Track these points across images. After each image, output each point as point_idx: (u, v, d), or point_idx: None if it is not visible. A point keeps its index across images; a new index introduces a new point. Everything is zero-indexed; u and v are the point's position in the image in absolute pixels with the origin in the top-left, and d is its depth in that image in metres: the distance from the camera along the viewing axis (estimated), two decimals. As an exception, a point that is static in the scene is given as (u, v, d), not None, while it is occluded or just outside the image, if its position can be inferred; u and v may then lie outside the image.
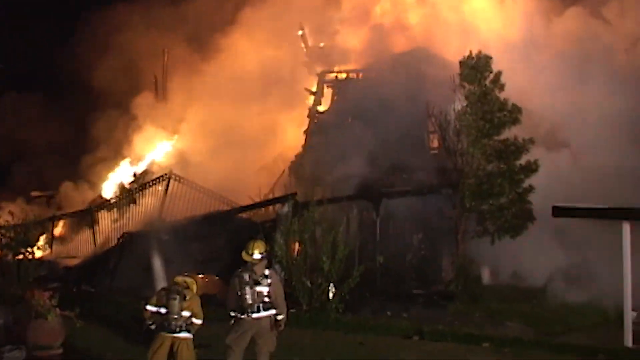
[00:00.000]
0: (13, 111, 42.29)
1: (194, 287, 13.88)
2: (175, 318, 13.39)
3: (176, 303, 13.40)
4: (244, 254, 14.12)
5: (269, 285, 13.98)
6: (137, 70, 40.56)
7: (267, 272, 14.11)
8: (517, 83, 25.60)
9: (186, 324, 13.51)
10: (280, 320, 14.17)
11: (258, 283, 13.92)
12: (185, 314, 13.47)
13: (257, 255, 14.10)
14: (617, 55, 29.14)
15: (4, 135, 40.80)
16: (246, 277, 13.94)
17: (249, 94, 34.97)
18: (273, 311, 14.03)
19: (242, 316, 13.88)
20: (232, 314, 14.03)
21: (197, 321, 13.66)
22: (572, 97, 27.00)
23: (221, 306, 14.34)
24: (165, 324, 13.43)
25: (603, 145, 25.66)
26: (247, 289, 13.84)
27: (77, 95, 41.67)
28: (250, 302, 13.83)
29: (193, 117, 37.03)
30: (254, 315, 13.87)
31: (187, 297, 13.50)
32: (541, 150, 25.16)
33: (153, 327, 13.67)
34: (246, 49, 36.30)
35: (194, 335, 13.65)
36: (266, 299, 13.93)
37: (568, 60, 27.88)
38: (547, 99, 27.10)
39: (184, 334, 13.50)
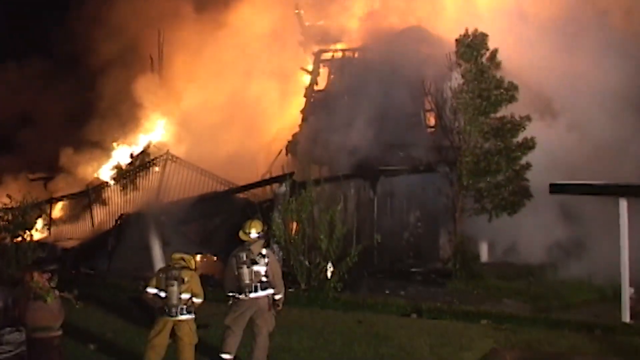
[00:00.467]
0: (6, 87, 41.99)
1: (192, 263, 13.88)
2: (175, 304, 13.41)
3: (175, 289, 13.39)
4: (241, 234, 14.14)
5: (266, 264, 14.00)
6: (133, 50, 40.41)
7: (264, 251, 14.12)
8: (511, 55, 25.55)
9: (187, 306, 13.52)
10: (278, 299, 14.19)
11: (255, 262, 13.94)
12: (185, 296, 13.47)
13: (254, 235, 14.12)
14: (612, 21, 28.93)
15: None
16: (243, 256, 13.95)
17: (246, 74, 34.97)
18: (271, 291, 14.05)
19: (240, 296, 13.91)
20: (230, 294, 14.06)
21: (198, 300, 13.66)
22: (567, 67, 26.91)
23: (219, 286, 14.40)
24: (165, 308, 13.45)
25: (600, 117, 25.67)
26: (245, 268, 13.85)
27: (72, 74, 41.46)
28: (247, 281, 13.85)
29: (190, 97, 36.98)
30: (252, 295, 13.89)
31: (186, 280, 13.49)
32: (539, 125, 25.10)
33: (157, 306, 13.69)
34: (243, 29, 36.23)
35: (195, 315, 13.67)
36: (264, 279, 13.95)
37: (562, 28, 27.77)
38: (542, 70, 27.02)
39: (185, 316, 13.51)
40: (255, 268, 13.90)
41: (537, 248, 25.15)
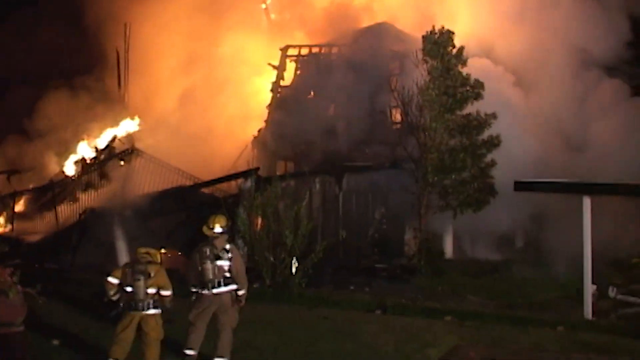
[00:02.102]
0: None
1: (158, 257, 13.80)
2: (142, 299, 13.34)
3: (141, 284, 13.31)
4: (204, 229, 14.09)
5: (229, 259, 13.96)
6: (99, 44, 40.13)
7: (227, 246, 14.08)
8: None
9: (154, 300, 13.45)
10: (241, 295, 14.15)
11: (219, 257, 13.90)
12: (152, 291, 13.38)
13: (218, 230, 14.07)
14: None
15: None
16: (207, 251, 13.91)
17: (212, 68, 34.87)
18: (234, 286, 14.01)
19: (204, 291, 13.87)
20: (193, 289, 14.01)
21: (166, 292, 13.52)
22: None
23: (183, 282, 14.30)
24: (132, 303, 13.37)
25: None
26: (208, 263, 13.81)
27: (33, 66, 41.03)
28: (211, 276, 13.81)
29: (156, 91, 36.80)
30: (215, 291, 13.85)
31: (152, 274, 13.41)
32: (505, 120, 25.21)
33: (114, 298, 13.58)
34: (211, 23, 36.13)
35: (162, 310, 13.59)
36: (227, 274, 13.91)
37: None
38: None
39: (152, 311, 13.44)
40: (219, 263, 13.86)
41: (502, 245, 25.36)
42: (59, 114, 38.44)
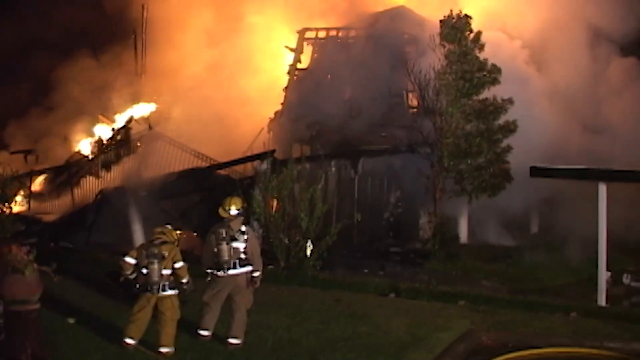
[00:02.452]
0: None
1: (173, 235, 13.87)
2: (156, 281, 13.41)
3: (155, 267, 13.37)
4: (220, 210, 14.14)
5: (245, 241, 14.02)
6: (117, 23, 40.19)
7: (243, 228, 14.13)
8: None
9: (169, 282, 13.52)
10: (256, 277, 14.22)
11: (234, 239, 13.95)
12: (166, 272, 13.46)
13: (233, 211, 14.12)
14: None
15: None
16: (223, 233, 13.96)
17: (230, 51, 34.88)
18: (249, 268, 14.08)
19: (218, 273, 13.94)
20: (208, 270, 14.08)
21: (179, 264, 13.58)
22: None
23: (198, 262, 14.37)
24: (147, 286, 13.45)
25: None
26: (224, 244, 13.86)
27: (52, 47, 41.12)
28: (226, 258, 13.87)
29: (173, 74, 36.84)
30: (231, 272, 13.91)
31: (166, 255, 13.48)
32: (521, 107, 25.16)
33: (132, 277, 13.68)
34: (228, 5, 36.13)
35: (179, 290, 13.68)
36: (242, 256, 13.97)
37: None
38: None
39: (167, 292, 13.51)
40: (235, 245, 13.92)
41: (516, 230, 25.36)
42: (75, 93, 38.60)
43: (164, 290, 13.44)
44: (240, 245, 13.94)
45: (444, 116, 24.45)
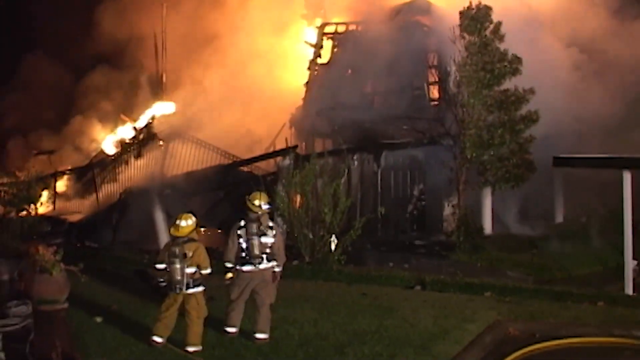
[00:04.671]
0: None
1: (192, 221, 13.85)
2: (179, 280, 13.46)
3: (177, 267, 13.40)
4: (251, 205, 14.15)
5: (274, 236, 14.12)
6: (137, 26, 40.34)
7: (271, 223, 14.22)
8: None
9: (193, 280, 13.56)
10: (278, 272, 14.30)
11: (264, 234, 14.05)
12: (190, 270, 13.48)
13: (265, 206, 14.20)
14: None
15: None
16: (253, 228, 14.00)
17: (250, 47, 34.92)
18: (275, 262, 14.16)
19: (245, 268, 13.99)
20: (229, 265, 14.11)
21: (205, 272, 13.65)
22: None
23: (222, 259, 14.41)
24: (171, 284, 13.52)
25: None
26: (255, 239, 13.93)
27: (73, 49, 41.30)
28: (257, 252, 13.93)
29: (194, 72, 36.96)
30: (261, 266, 13.99)
31: (189, 254, 13.52)
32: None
33: (164, 284, 13.76)
34: (246, 3, 36.18)
35: (205, 287, 13.75)
36: (268, 250, 14.05)
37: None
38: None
39: (192, 290, 13.55)
40: (264, 240, 14.00)
41: (540, 220, 25.30)
42: (97, 95, 38.81)
43: (187, 288, 13.48)
44: (269, 240, 14.03)
45: (466, 108, 24.42)
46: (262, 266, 13.99)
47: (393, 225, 26.90)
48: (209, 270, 13.69)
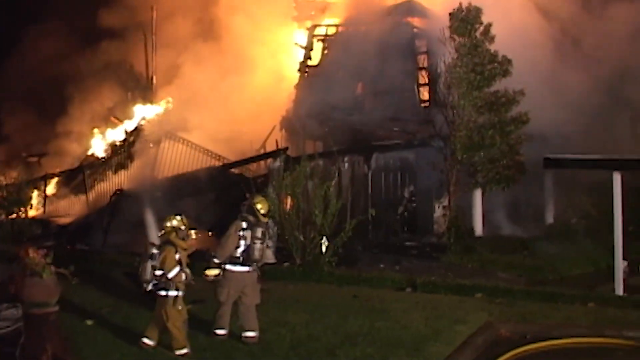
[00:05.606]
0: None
1: (173, 224, 13.85)
2: (147, 280, 13.41)
3: (147, 267, 13.40)
4: (259, 213, 14.27)
5: (272, 244, 14.41)
6: (127, 27, 40.27)
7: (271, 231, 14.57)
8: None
9: (160, 282, 13.46)
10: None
11: (264, 242, 14.27)
12: (159, 272, 13.42)
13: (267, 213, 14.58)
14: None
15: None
16: (259, 233, 14.12)
17: (240, 49, 34.89)
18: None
19: (237, 268, 14.05)
20: (217, 261, 14.12)
21: (169, 275, 13.36)
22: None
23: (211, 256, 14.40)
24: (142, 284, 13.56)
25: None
26: (259, 244, 14.08)
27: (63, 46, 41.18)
28: (257, 257, 14.07)
29: (184, 74, 36.89)
30: (252, 267, 14.15)
31: (160, 255, 13.42)
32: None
33: (149, 288, 13.70)
34: (237, 4, 36.15)
35: (179, 291, 13.50)
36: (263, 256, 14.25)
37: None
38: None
39: (163, 292, 13.45)
40: (264, 245, 14.26)
41: (530, 221, 25.32)
42: (86, 96, 38.74)
43: (159, 289, 13.38)
44: (265, 244, 14.19)
45: (456, 109, 24.41)
46: (252, 267, 14.06)
47: (384, 227, 26.86)
48: (171, 274, 13.40)
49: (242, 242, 14.08)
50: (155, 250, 13.48)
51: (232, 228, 14.23)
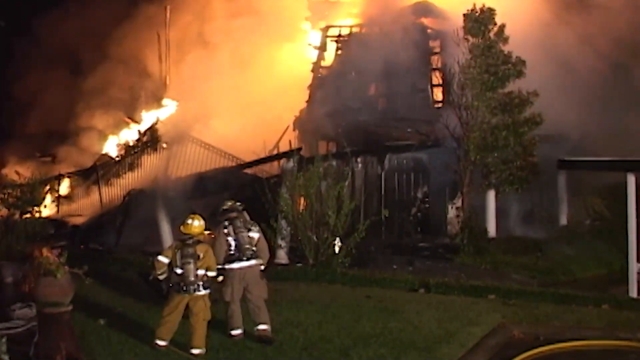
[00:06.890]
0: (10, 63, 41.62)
1: (201, 224, 13.95)
2: (192, 281, 13.49)
3: (191, 267, 13.45)
4: (226, 205, 14.86)
5: (259, 232, 14.64)
6: (140, 27, 40.30)
7: (251, 221, 14.75)
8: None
9: (203, 282, 13.59)
10: (264, 269, 14.68)
11: (250, 229, 14.49)
12: (201, 272, 13.55)
13: (238, 205, 14.78)
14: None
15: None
16: (239, 223, 14.41)
17: (254, 49, 34.88)
18: (260, 260, 14.50)
19: (236, 265, 14.24)
20: (218, 266, 14.21)
21: (212, 274, 13.80)
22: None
23: (228, 262, 14.46)
24: (182, 286, 13.50)
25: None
26: (244, 232, 14.37)
27: (76, 48, 41.22)
28: (247, 246, 14.30)
29: (197, 75, 36.91)
30: (251, 262, 14.29)
31: (201, 256, 13.56)
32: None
33: (162, 277, 13.79)
34: (249, 5, 36.14)
35: (210, 289, 13.83)
36: (254, 248, 14.43)
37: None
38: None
39: (201, 292, 13.59)
40: (251, 234, 14.49)
41: (544, 222, 25.27)
42: (100, 97, 38.80)
43: (198, 290, 13.52)
44: (255, 235, 14.58)
45: (470, 110, 24.42)
46: (252, 262, 14.17)
47: (397, 228, 26.86)
48: (214, 274, 13.77)
49: (231, 239, 14.27)
50: (197, 252, 13.61)
51: (216, 231, 14.61)
